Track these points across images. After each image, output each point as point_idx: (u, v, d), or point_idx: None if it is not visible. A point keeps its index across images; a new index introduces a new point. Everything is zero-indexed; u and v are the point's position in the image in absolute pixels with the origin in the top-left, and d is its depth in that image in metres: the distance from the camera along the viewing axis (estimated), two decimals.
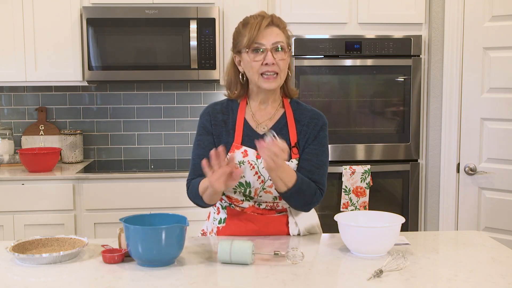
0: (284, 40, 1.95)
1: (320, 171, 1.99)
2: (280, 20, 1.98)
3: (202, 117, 2.05)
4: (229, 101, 2.07)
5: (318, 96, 3.42)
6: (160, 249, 1.67)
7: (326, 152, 2.03)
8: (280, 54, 1.93)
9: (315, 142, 1.99)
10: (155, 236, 1.66)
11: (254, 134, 1.98)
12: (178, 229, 1.69)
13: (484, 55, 3.18)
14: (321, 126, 2.01)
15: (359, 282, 1.57)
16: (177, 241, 1.69)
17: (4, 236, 3.24)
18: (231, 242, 1.71)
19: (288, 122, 2.00)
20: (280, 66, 1.93)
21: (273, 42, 1.92)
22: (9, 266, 1.71)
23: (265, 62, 1.91)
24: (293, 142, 1.98)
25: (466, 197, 3.31)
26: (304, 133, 1.99)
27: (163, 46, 3.44)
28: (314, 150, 1.99)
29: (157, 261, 1.69)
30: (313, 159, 1.98)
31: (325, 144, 2.02)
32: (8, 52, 3.45)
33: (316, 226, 2.09)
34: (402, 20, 3.43)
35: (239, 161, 1.94)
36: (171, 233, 1.67)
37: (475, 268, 1.69)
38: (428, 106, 3.46)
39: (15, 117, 3.85)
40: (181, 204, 3.30)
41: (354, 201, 3.37)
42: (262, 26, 1.91)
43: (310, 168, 1.97)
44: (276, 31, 1.94)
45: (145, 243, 1.66)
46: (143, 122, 3.91)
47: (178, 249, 1.71)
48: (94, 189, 3.29)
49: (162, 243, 1.66)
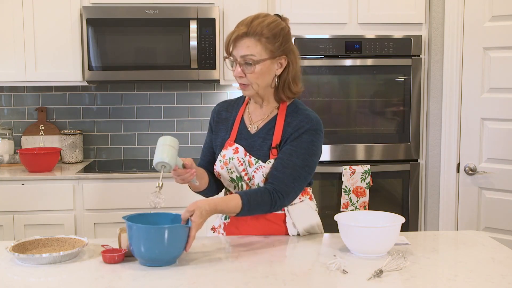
0: (258, 52, 1.87)
1: (286, 170, 1.89)
2: (264, 27, 1.87)
3: (211, 114, 2.16)
4: (237, 99, 2.13)
5: (318, 96, 3.42)
6: (162, 249, 1.67)
7: (303, 156, 1.91)
8: (249, 68, 1.89)
9: (293, 143, 1.93)
10: (158, 235, 1.66)
11: (246, 132, 2.02)
12: (181, 229, 1.70)
13: (484, 55, 3.18)
14: (306, 129, 1.93)
15: (359, 282, 1.57)
16: (180, 241, 1.70)
17: (4, 236, 3.24)
18: (163, 144, 1.78)
19: (276, 123, 1.98)
20: (249, 78, 1.91)
21: (241, 55, 1.89)
22: (9, 266, 1.71)
23: (233, 74, 1.94)
24: (275, 143, 1.95)
25: (466, 197, 3.31)
26: (290, 134, 1.95)
27: (163, 46, 3.44)
28: (288, 149, 1.92)
29: (159, 261, 1.69)
30: (284, 157, 1.91)
31: (305, 147, 1.91)
32: (8, 52, 3.45)
33: (317, 226, 2.09)
34: (402, 20, 3.43)
35: (230, 157, 1.99)
36: (174, 232, 1.68)
37: (475, 268, 1.69)
38: (428, 106, 3.46)
39: (15, 117, 3.85)
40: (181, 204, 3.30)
41: (354, 201, 3.37)
42: (233, 37, 1.89)
43: (277, 166, 1.91)
44: (248, 43, 1.87)
45: (148, 242, 1.66)
46: (143, 122, 3.91)
47: (180, 248, 1.71)
48: (94, 189, 3.29)
49: (165, 242, 1.66)
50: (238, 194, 1.87)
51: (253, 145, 1.98)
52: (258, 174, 1.95)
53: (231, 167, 1.99)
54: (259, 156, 1.96)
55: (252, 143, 1.99)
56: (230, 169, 1.99)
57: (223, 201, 1.85)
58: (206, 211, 1.77)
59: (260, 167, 1.94)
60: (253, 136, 2.01)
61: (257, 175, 1.95)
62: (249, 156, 1.97)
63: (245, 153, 1.98)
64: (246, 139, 2.01)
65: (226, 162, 1.99)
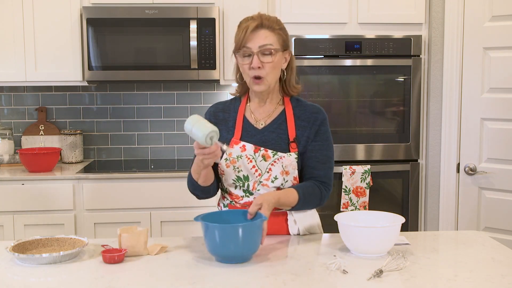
0: (274, 42, 1.94)
1: (325, 165, 2.02)
2: (273, 21, 1.97)
3: (205, 116, 2.14)
4: (232, 100, 2.14)
5: (318, 96, 3.42)
6: (237, 246, 1.70)
7: (330, 146, 2.05)
8: (267, 57, 1.94)
9: (317, 138, 2.02)
10: (234, 233, 1.69)
11: (253, 129, 2.03)
12: (256, 225, 1.73)
13: (484, 55, 3.18)
14: (322, 121, 2.03)
15: (359, 282, 1.57)
16: (256, 237, 1.73)
17: (4, 236, 3.24)
18: (198, 120, 1.75)
19: (287, 117, 2.03)
20: (267, 69, 1.94)
21: (259, 45, 1.93)
22: (9, 266, 1.71)
23: (251, 66, 1.94)
24: (292, 137, 2.01)
25: (466, 197, 3.31)
26: (304, 128, 2.02)
27: (163, 46, 3.44)
28: (317, 146, 2.02)
29: (235, 258, 1.72)
30: (317, 155, 2.02)
31: (327, 138, 2.04)
32: (8, 52, 3.45)
33: (317, 226, 2.10)
34: (402, 20, 3.43)
35: (237, 155, 1.99)
36: (251, 229, 1.71)
37: (475, 268, 1.69)
38: (428, 106, 3.46)
39: (15, 117, 3.85)
40: (182, 204, 3.31)
41: (354, 201, 3.37)
42: (249, 29, 1.92)
43: (314, 165, 2.01)
44: (265, 34, 1.93)
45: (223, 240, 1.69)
46: (143, 122, 3.91)
47: (256, 245, 1.74)
48: (94, 189, 3.29)
49: (240, 240, 1.69)
50: (293, 188, 1.95)
51: (265, 140, 2.00)
52: (276, 166, 1.97)
53: (239, 165, 1.99)
54: (277, 149, 1.99)
55: (264, 138, 2.01)
56: (237, 168, 1.99)
57: (284, 194, 1.93)
58: (272, 203, 1.85)
59: (279, 158, 1.97)
60: (262, 131, 2.02)
61: (275, 167, 1.97)
62: (264, 150, 1.98)
63: (256, 149, 1.98)
64: (255, 135, 2.02)
65: (234, 161, 1.98)
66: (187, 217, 3.27)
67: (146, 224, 3.28)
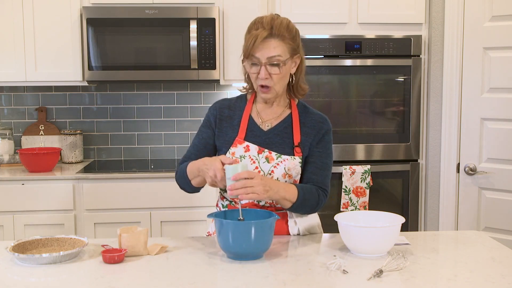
0: (283, 52, 1.91)
1: (323, 172, 2.03)
2: (284, 28, 1.92)
3: (210, 110, 2.13)
4: (238, 98, 2.12)
5: (318, 96, 3.42)
6: (249, 243, 1.72)
7: (330, 155, 2.07)
8: (275, 69, 1.92)
9: (320, 146, 2.04)
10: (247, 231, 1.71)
11: (258, 130, 2.03)
12: (267, 223, 1.74)
13: (484, 55, 3.18)
14: (326, 130, 2.05)
15: (359, 282, 1.57)
16: (267, 235, 1.74)
17: (4, 236, 3.24)
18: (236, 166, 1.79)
19: (293, 122, 2.04)
20: (274, 80, 1.94)
21: (268, 57, 1.90)
22: (9, 266, 1.71)
23: (259, 77, 1.93)
24: (296, 141, 2.01)
25: (466, 197, 3.31)
26: (309, 135, 2.03)
27: (163, 46, 3.44)
28: (318, 153, 2.03)
29: (247, 255, 1.74)
30: (317, 161, 2.03)
31: (329, 148, 2.07)
32: (8, 52, 3.45)
33: (317, 226, 2.10)
34: (402, 20, 3.43)
35: (240, 155, 1.99)
36: (261, 227, 1.72)
37: (475, 268, 1.69)
38: (428, 106, 3.46)
39: (15, 117, 3.85)
40: (182, 204, 3.30)
41: (354, 201, 3.37)
42: (258, 40, 1.88)
43: (313, 170, 2.02)
44: (274, 44, 1.90)
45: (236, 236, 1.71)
46: (143, 122, 3.91)
47: (267, 243, 1.75)
48: (94, 189, 3.29)
49: (252, 237, 1.71)
50: (294, 184, 1.95)
51: (270, 142, 2.01)
52: (279, 169, 1.97)
53: None
54: (280, 152, 1.99)
55: (268, 140, 2.01)
56: None
57: (285, 184, 1.93)
58: (269, 180, 1.86)
59: (282, 161, 1.97)
60: (267, 133, 2.02)
61: (278, 169, 1.97)
62: (268, 151, 1.98)
63: (260, 150, 1.99)
64: (260, 136, 2.02)
65: (237, 160, 1.97)
66: (187, 217, 3.28)
67: (146, 224, 3.28)
